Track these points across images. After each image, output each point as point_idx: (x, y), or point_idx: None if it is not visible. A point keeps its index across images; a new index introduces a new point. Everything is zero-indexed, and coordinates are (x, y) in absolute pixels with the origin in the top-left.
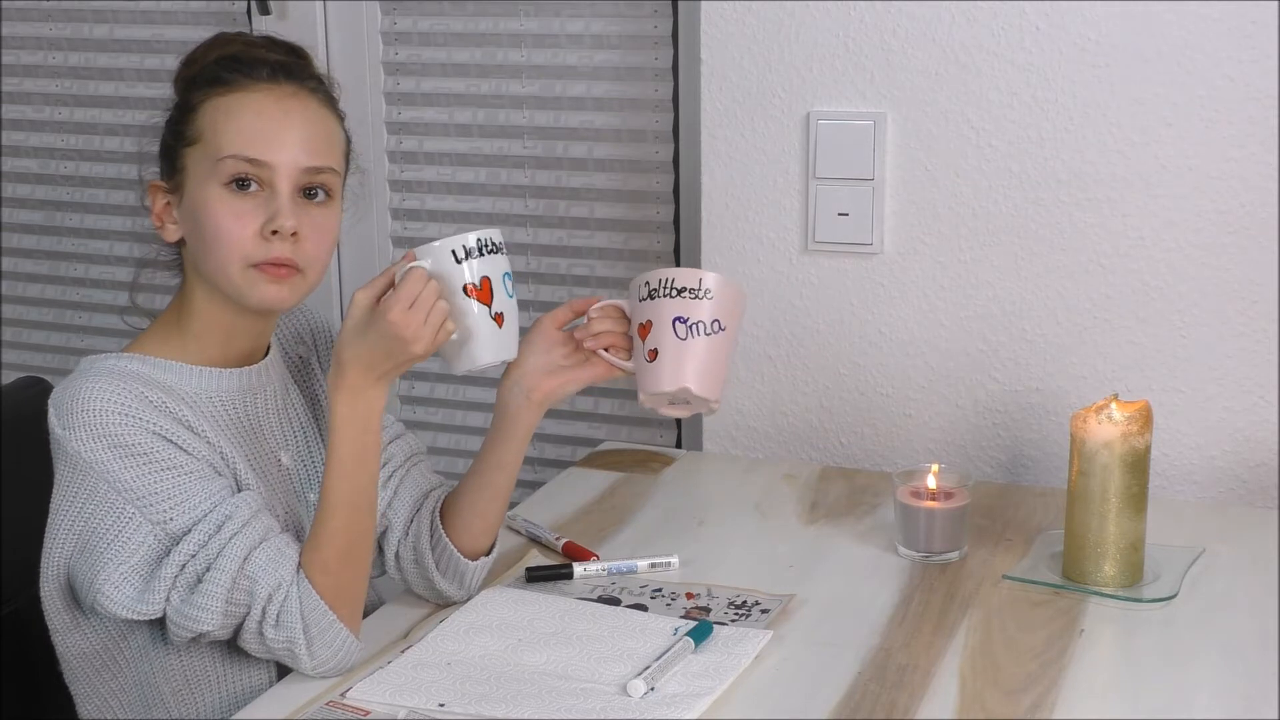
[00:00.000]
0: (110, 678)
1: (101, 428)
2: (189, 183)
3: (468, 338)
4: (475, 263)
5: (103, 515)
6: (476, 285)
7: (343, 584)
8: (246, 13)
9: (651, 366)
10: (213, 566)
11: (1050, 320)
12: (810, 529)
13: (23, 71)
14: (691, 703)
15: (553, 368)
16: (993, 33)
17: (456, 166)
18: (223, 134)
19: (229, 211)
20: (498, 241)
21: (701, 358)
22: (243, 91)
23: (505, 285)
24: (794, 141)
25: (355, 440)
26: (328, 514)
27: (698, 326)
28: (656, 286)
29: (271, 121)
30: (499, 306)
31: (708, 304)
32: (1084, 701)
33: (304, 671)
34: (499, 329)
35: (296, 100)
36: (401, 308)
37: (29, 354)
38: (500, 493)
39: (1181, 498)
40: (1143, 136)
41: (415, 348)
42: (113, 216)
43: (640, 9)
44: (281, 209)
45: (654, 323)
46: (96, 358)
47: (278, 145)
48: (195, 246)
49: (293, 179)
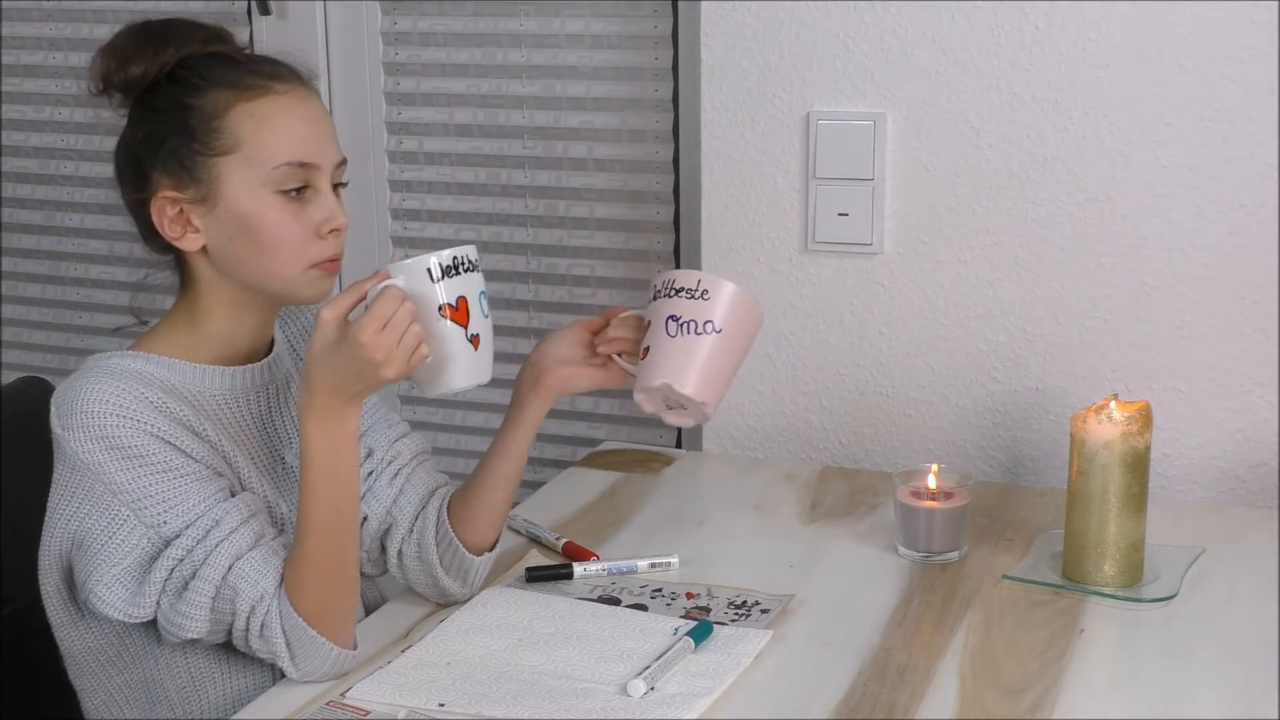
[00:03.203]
0: (115, 673)
1: (99, 429)
2: (227, 192)
3: (442, 361)
4: (451, 282)
5: (98, 516)
6: (453, 305)
7: (324, 602)
8: (247, 13)
9: (643, 364)
10: (197, 574)
11: (1050, 320)
12: (810, 529)
13: (23, 71)
14: (691, 703)
15: (568, 359)
16: (993, 33)
17: (456, 166)
18: (268, 142)
19: (288, 218)
20: (474, 259)
21: (687, 356)
22: (271, 95)
23: (481, 305)
24: (794, 141)
25: (326, 464)
26: (303, 536)
27: (689, 325)
28: (660, 288)
29: (309, 124)
30: (475, 328)
31: (702, 304)
32: (1084, 701)
33: (294, 679)
34: (475, 352)
35: (311, 97)
36: (374, 329)
37: (29, 354)
38: (507, 481)
39: (1181, 498)
40: (1143, 136)
41: (386, 372)
42: (113, 216)
43: (640, 9)
44: (335, 208)
45: (652, 322)
46: (102, 355)
47: (318, 146)
48: (237, 252)
49: (331, 176)
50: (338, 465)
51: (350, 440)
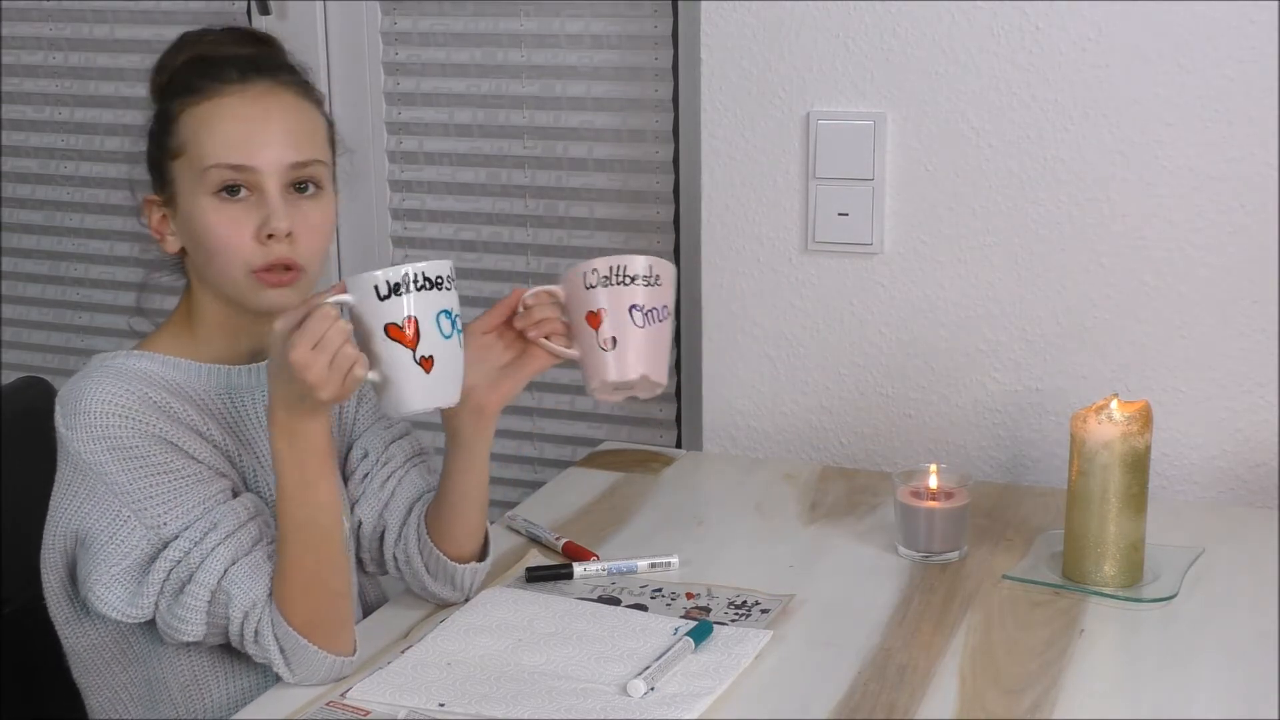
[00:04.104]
0: (119, 671)
1: (101, 429)
2: (180, 195)
3: (390, 384)
4: (401, 300)
5: (99, 515)
6: (399, 325)
7: (312, 612)
8: (246, 13)
9: (610, 355)
10: (193, 578)
11: (1050, 320)
12: (810, 529)
13: (23, 71)
14: (691, 703)
15: (493, 377)
16: (993, 33)
17: (456, 166)
18: (204, 144)
19: (222, 220)
20: (433, 275)
21: (658, 344)
22: (218, 98)
23: (439, 325)
24: (794, 141)
25: (298, 476)
26: (283, 547)
27: (653, 313)
28: (608, 274)
29: (250, 124)
30: (427, 349)
31: (658, 290)
32: (1084, 701)
33: (291, 684)
34: (425, 374)
35: (272, 97)
36: (304, 347)
37: (29, 354)
38: (473, 501)
39: (1181, 498)
40: (1143, 136)
41: (321, 394)
42: (113, 216)
43: (640, 9)
44: (274, 211)
45: (608, 311)
46: (107, 355)
47: (259, 147)
48: (196, 256)
49: (280, 178)
50: (307, 477)
51: (317, 452)
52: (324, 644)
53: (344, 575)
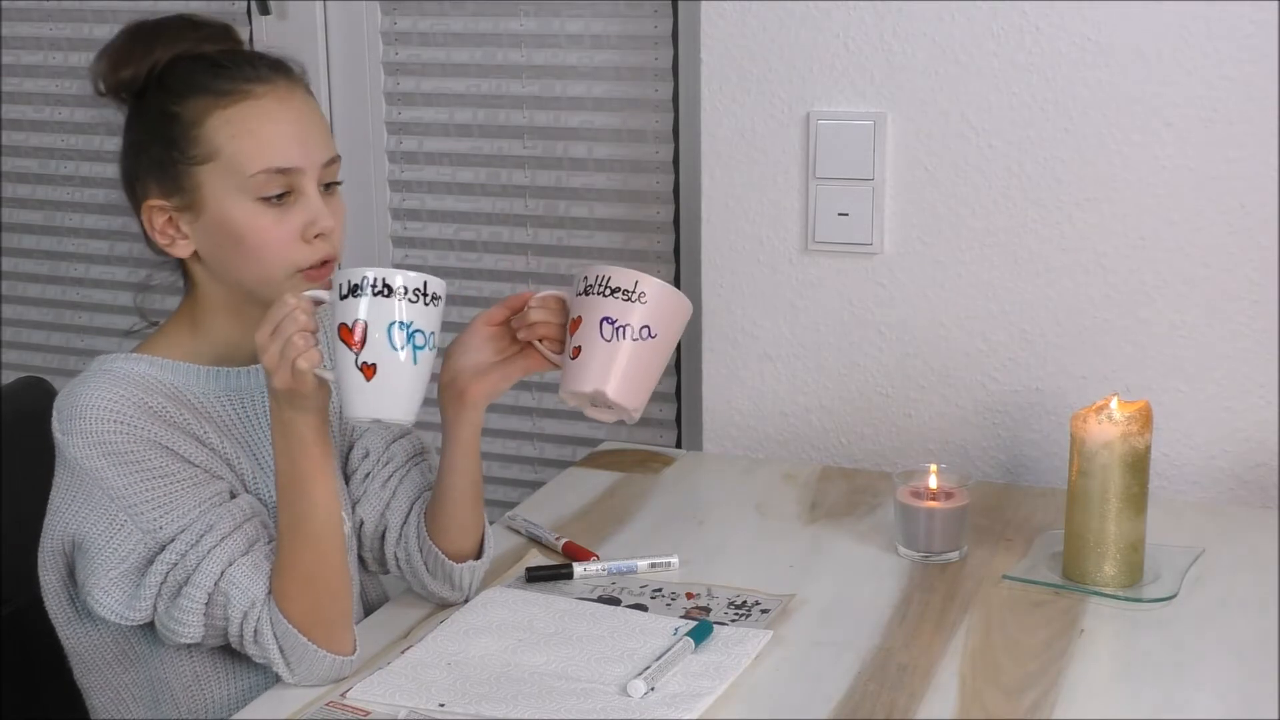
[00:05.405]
0: (121, 672)
1: (97, 435)
2: (210, 200)
3: (336, 384)
4: (355, 302)
5: (96, 519)
6: (349, 326)
7: (312, 610)
8: (246, 13)
9: (573, 364)
10: (190, 580)
11: (1050, 320)
12: (810, 529)
13: (23, 71)
14: (691, 703)
15: (482, 368)
16: (993, 33)
17: (456, 166)
18: (246, 150)
19: (268, 224)
20: (397, 284)
21: (623, 363)
22: (248, 100)
23: (390, 335)
24: (794, 141)
25: (290, 470)
26: (281, 542)
27: (624, 330)
28: (593, 283)
29: (288, 126)
30: (370, 357)
31: (639, 309)
32: (1084, 701)
33: (291, 684)
34: (365, 382)
35: (295, 96)
36: (264, 332)
37: (29, 354)
38: (465, 495)
39: (1181, 498)
40: (1143, 136)
41: (274, 380)
42: (113, 216)
43: (640, 9)
44: (320, 210)
45: (583, 320)
46: (106, 358)
47: (300, 149)
48: (225, 259)
49: (317, 177)
50: (298, 472)
51: (307, 446)
52: (324, 643)
53: (342, 574)
